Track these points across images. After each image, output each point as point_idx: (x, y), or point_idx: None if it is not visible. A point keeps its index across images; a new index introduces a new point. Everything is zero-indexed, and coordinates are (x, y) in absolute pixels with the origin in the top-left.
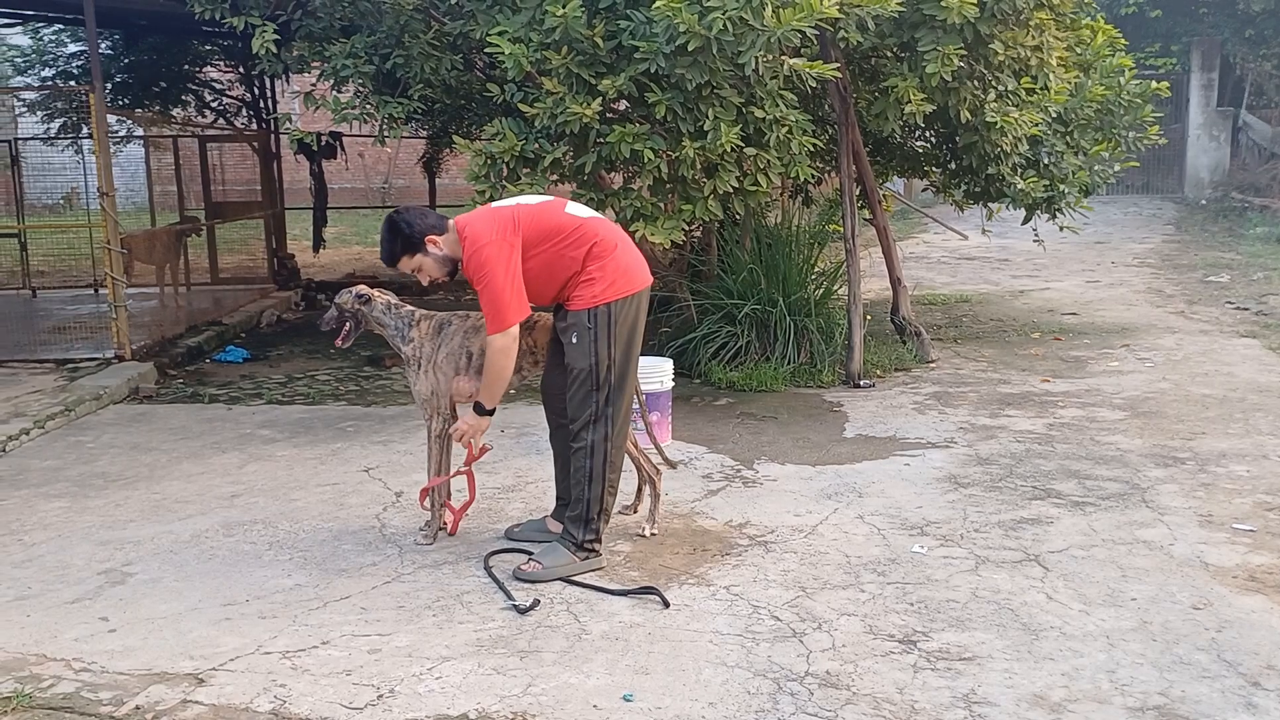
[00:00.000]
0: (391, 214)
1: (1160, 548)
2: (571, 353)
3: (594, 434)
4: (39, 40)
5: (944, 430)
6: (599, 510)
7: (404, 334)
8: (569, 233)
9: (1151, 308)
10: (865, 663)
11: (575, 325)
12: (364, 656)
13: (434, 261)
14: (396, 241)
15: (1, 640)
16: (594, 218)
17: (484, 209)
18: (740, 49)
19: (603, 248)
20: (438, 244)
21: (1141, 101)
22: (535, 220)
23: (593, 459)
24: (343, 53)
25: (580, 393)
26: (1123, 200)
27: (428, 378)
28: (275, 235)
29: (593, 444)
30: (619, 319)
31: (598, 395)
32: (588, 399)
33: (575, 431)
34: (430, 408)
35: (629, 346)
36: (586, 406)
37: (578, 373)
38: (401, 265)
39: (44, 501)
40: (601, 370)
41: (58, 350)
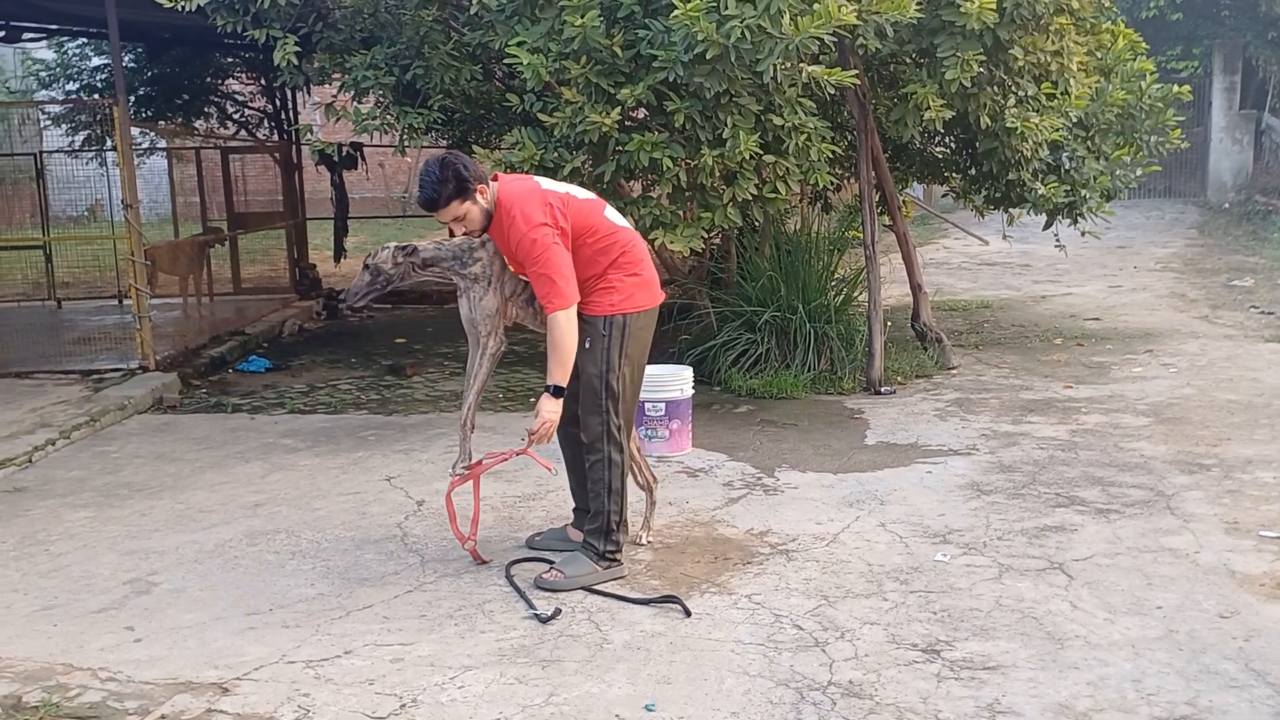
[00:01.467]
0: (445, 155)
1: (1186, 555)
2: (583, 358)
3: (609, 446)
4: (64, 54)
5: (966, 437)
6: (618, 520)
7: (464, 260)
8: (603, 236)
9: (1175, 312)
10: (888, 672)
11: (590, 331)
12: (386, 666)
13: (479, 212)
14: (450, 184)
15: (29, 650)
16: (627, 228)
17: (531, 183)
18: (758, 57)
19: (629, 259)
20: (485, 193)
21: (1163, 105)
22: (582, 214)
23: (609, 471)
24: (363, 64)
25: (590, 399)
26: (1145, 204)
27: (496, 294)
28: (297, 245)
29: (609, 456)
30: (633, 331)
31: (609, 405)
32: (598, 408)
33: (590, 444)
34: (491, 325)
35: (638, 361)
36: (598, 416)
37: (588, 378)
38: (448, 211)
39: (70, 511)
40: (612, 379)
41: (83, 361)
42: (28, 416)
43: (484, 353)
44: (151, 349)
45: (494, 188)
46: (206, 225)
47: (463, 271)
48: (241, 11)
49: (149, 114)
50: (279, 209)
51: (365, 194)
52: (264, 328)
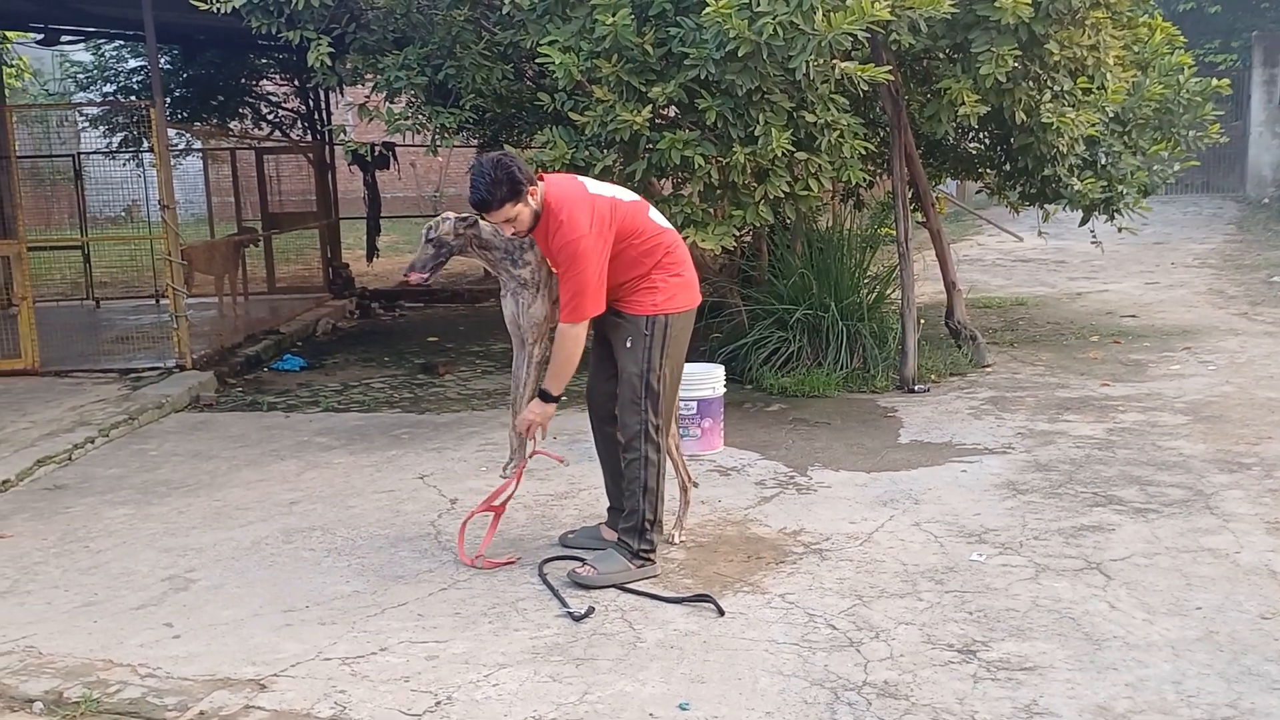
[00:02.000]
0: (499, 156)
1: (1226, 555)
2: (625, 356)
3: (646, 445)
4: (101, 56)
5: (1001, 436)
6: (653, 520)
7: (515, 258)
8: (649, 238)
9: (1213, 309)
10: (924, 672)
11: (632, 330)
12: (421, 663)
13: (530, 214)
14: (504, 186)
15: (70, 646)
16: (669, 230)
17: (578, 186)
18: (790, 54)
19: (672, 260)
20: (535, 196)
21: (1201, 100)
22: (629, 217)
23: (646, 470)
24: (395, 64)
25: (629, 397)
26: (1182, 200)
27: (543, 302)
28: (330, 245)
29: (645, 455)
30: (674, 332)
31: (647, 404)
32: (636, 406)
33: (627, 442)
34: (538, 332)
35: (677, 360)
36: (635, 414)
37: (628, 377)
38: (501, 213)
39: (109, 509)
40: (652, 379)
41: (121, 360)
42: (67, 415)
43: (530, 360)
44: (188, 348)
45: (541, 188)
46: (241, 225)
47: (513, 271)
48: (276, 13)
49: (185, 115)
50: (312, 209)
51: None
52: (298, 327)
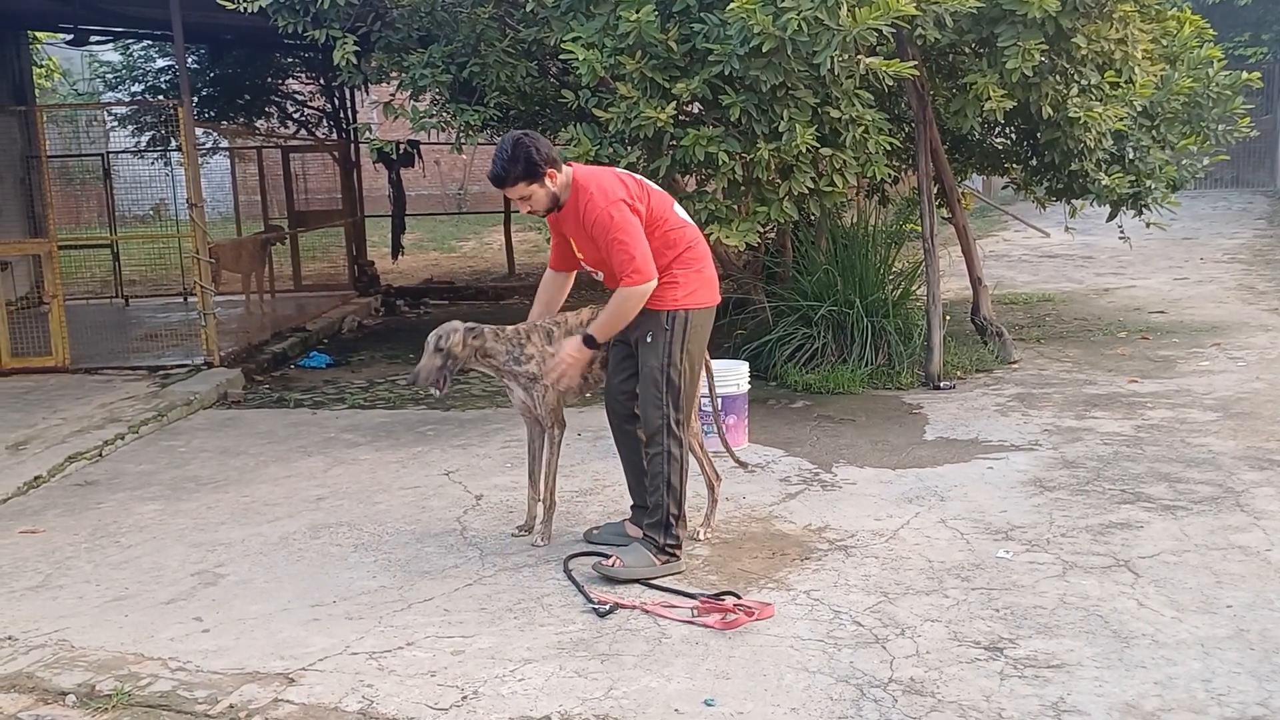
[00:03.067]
0: (519, 135)
1: (1256, 553)
2: (645, 351)
3: (669, 440)
4: (129, 56)
5: (1028, 433)
6: (677, 515)
7: (518, 355)
8: (672, 228)
9: (1243, 305)
10: (950, 669)
11: (652, 325)
12: (448, 658)
13: (546, 195)
14: (519, 165)
15: (102, 639)
16: (692, 225)
17: (605, 169)
18: (815, 49)
19: (693, 255)
20: (555, 179)
21: (1231, 93)
22: (656, 200)
23: (669, 465)
24: (420, 63)
25: (650, 393)
26: (1211, 194)
27: (554, 391)
28: (355, 242)
29: (668, 450)
30: (694, 327)
31: (668, 399)
32: (657, 402)
33: (649, 437)
34: (555, 417)
35: (697, 356)
36: (657, 410)
37: (649, 371)
38: (514, 190)
39: (139, 504)
40: (673, 373)
41: (150, 357)
42: (98, 412)
43: (552, 442)
44: (216, 345)
45: (568, 172)
46: (268, 223)
47: (517, 369)
48: (302, 12)
49: (212, 114)
50: (338, 207)
51: (422, 191)
52: (324, 324)
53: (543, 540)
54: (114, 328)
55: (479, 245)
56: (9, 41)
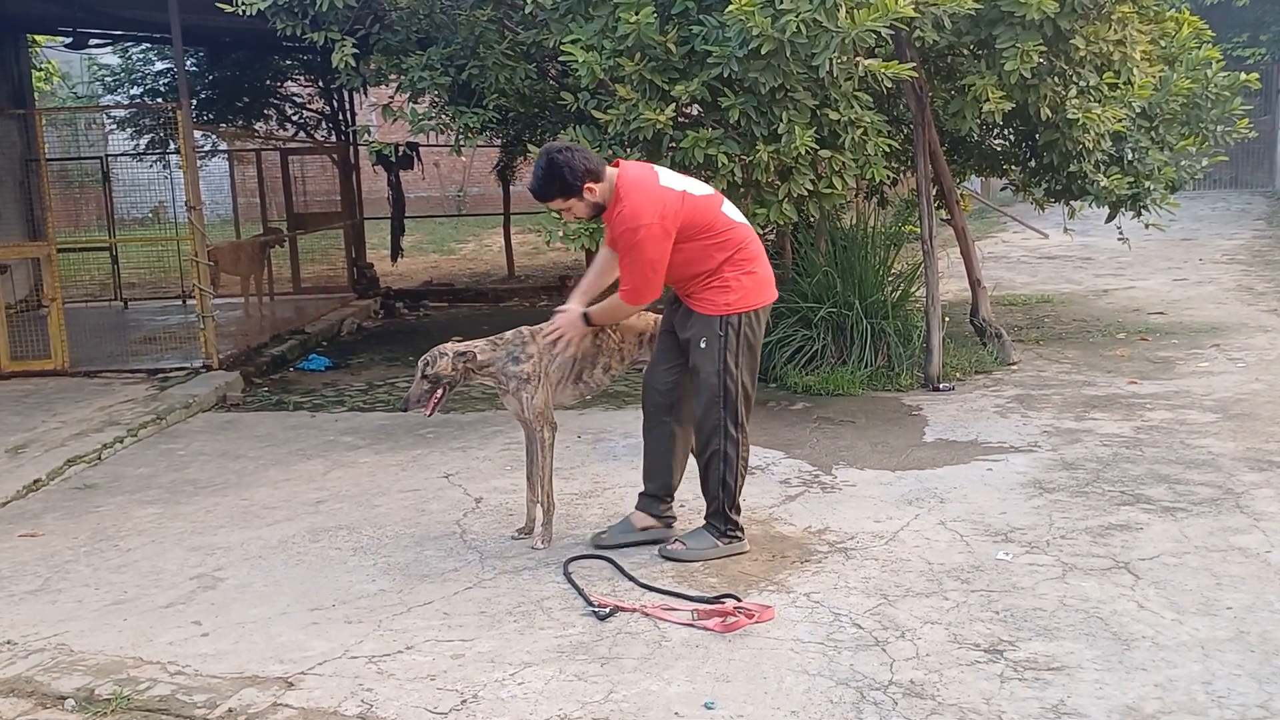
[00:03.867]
0: (553, 153)
1: (1256, 554)
2: (700, 357)
3: (725, 442)
4: (128, 59)
5: (1027, 434)
6: (731, 505)
7: (515, 355)
8: (719, 232)
9: (1242, 306)
10: (950, 672)
11: (706, 331)
12: (447, 661)
13: (585, 206)
14: (554, 184)
15: (101, 643)
16: (743, 224)
17: (651, 176)
18: (814, 51)
19: (745, 255)
20: (594, 191)
21: (1229, 94)
22: (697, 211)
23: (724, 466)
24: (419, 65)
25: (707, 396)
26: (1210, 195)
27: (543, 390)
28: (355, 245)
29: (725, 452)
30: (748, 329)
31: (724, 403)
32: (714, 406)
33: (706, 439)
34: (544, 420)
35: (753, 356)
36: (714, 413)
37: (706, 377)
38: (553, 204)
39: (138, 508)
40: (729, 379)
41: (149, 360)
42: (97, 415)
43: (543, 445)
44: (215, 348)
45: (612, 175)
46: (267, 226)
47: (514, 370)
48: (300, 15)
49: (210, 117)
50: (337, 209)
51: (421, 193)
52: (323, 326)
53: (543, 543)
54: (113, 331)
55: (478, 247)
56: (8, 45)
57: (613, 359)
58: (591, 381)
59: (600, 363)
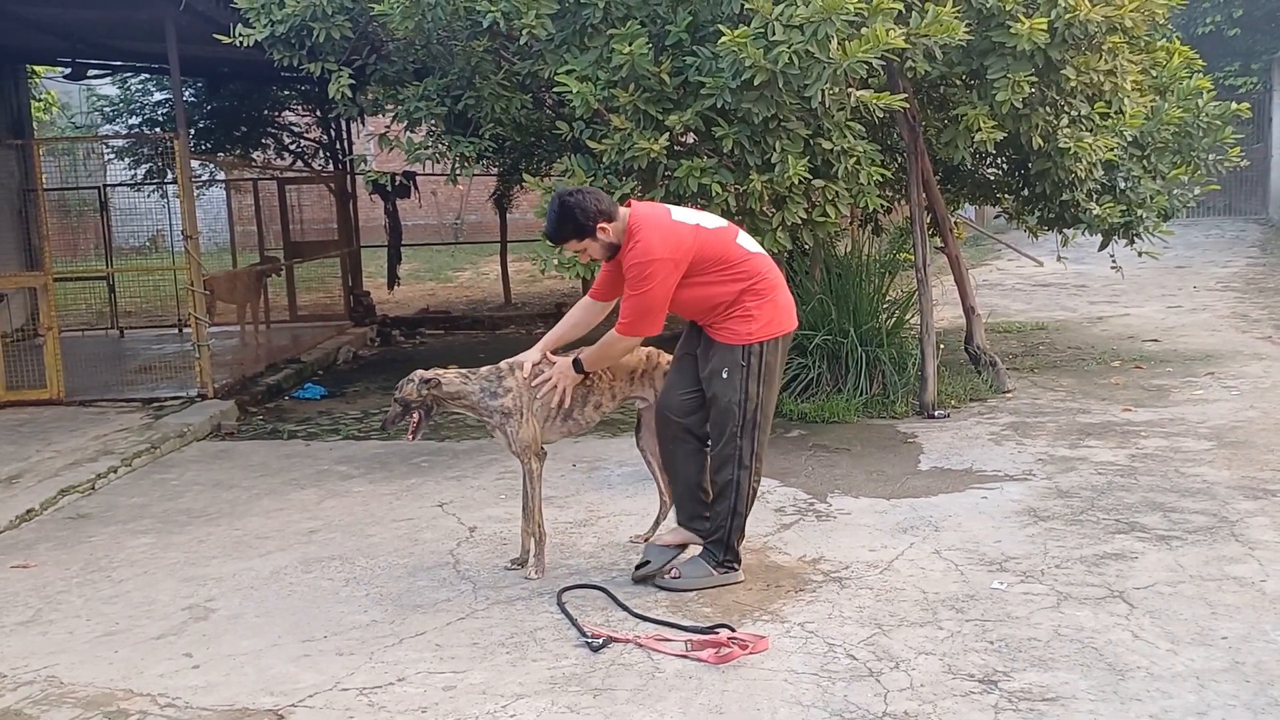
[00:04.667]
0: (564, 196)
1: (1252, 584)
2: (721, 386)
3: (740, 471)
4: (126, 90)
5: (1022, 462)
6: (737, 536)
7: (492, 390)
8: (735, 264)
9: (1237, 333)
10: (945, 703)
11: (729, 360)
12: (439, 694)
13: (600, 247)
14: (567, 226)
15: (91, 675)
16: (760, 254)
17: (664, 214)
18: (806, 82)
19: (764, 285)
20: (607, 231)
21: (1221, 123)
22: (709, 245)
23: (736, 495)
24: (416, 95)
25: (726, 424)
26: (1204, 223)
27: (529, 425)
28: (351, 273)
29: (737, 480)
30: (769, 358)
31: (743, 432)
32: (731, 434)
33: (720, 466)
34: (531, 452)
35: (772, 384)
36: (730, 441)
37: (726, 404)
38: (568, 245)
39: (131, 538)
40: (750, 406)
41: (144, 389)
42: (91, 444)
43: (531, 476)
44: (210, 377)
45: (624, 215)
46: (264, 254)
47: (493, 405)
48: (298, 46)
49: (208, 146)
50: (334, 237)
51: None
52: (319, 355)
53: (535, 573)
54: (109, 360)
55: (475, 275)
56: (7, 76)
57: (604, 397)
58: (581, 419)
59: (591, 400)
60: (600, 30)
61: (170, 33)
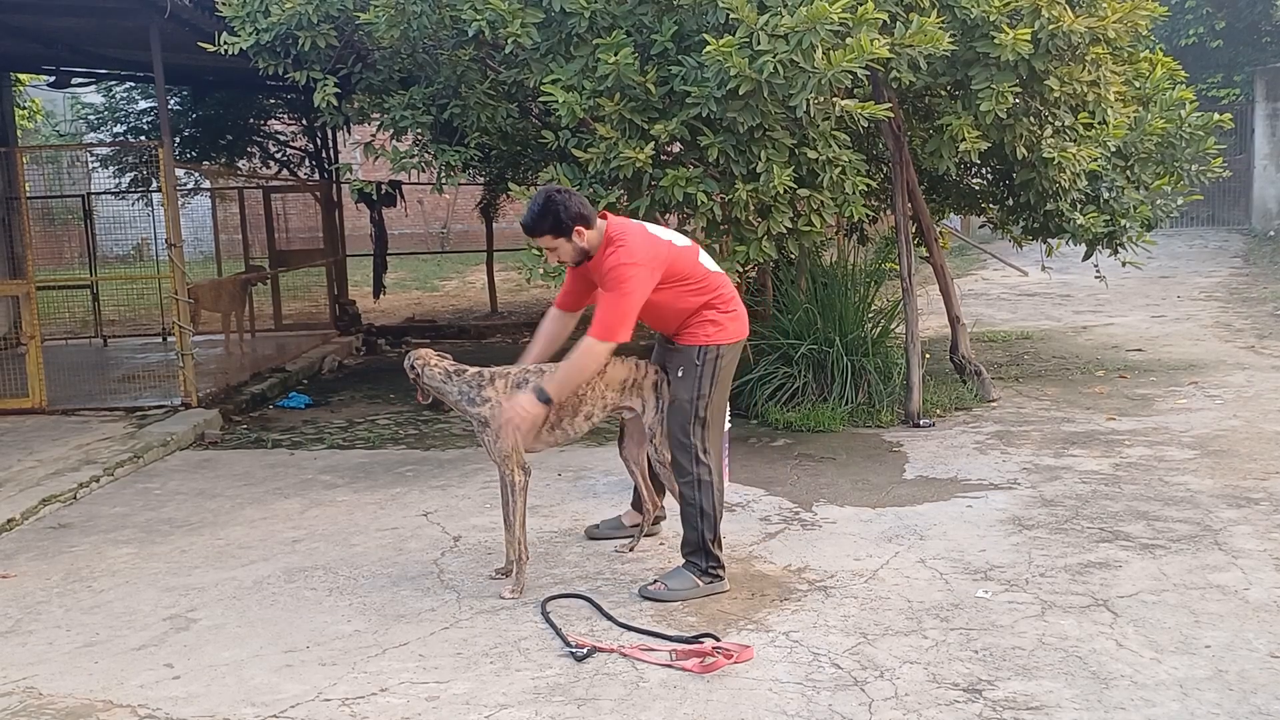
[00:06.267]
0: (551, 193)
1: (1235, 592)
2: (677, 386)
3: (698, 468)
4: (111, 98)
5: (1007, 471)
6: (713, 538)
7: (472, 397)
8: (698, 280)
9: (1220, 343)
10: (929, 712)
11: (684, 360)
12: (422, 704)
13: (572, 249)
14: (546, 220)
15: (70, 686)
16: (720, 273)
17: (640, 227)
18: (791, 91)
19: (723, 298)
20: (582, 235)
21: (1204, 134)
22: (679, 261)
23: (700, 492)
24: (401, 104)
25: (679, 423)
26: (1188, 233)
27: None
28: (337, 282)
29: (699, 478)
30: (723, 361)
31: (696, 429)
32: (686, 432)
33: (680, 467)
34: (512, 463)
35: (724, 387)
36: (686, 439)
37: (679, 404)
38: (541, 240)
39: (112, 548)
40: (701, 404)
41: (127, 398)
42: (73, 453)
43: (513, 488)
44: (194, 386)
45: (601, 226)
46: (249, 263)
47: (473, 411)
48: (283, 54)
49: (194, 155)
50: (320, 246)
51: (404, 230)
52: (304, 364)
53: (510, 593)
54: (92, 368)
55: (461, 284)
56: None
57: (595, 407)
58: (571, 430)
59: (582, 411)
60: (585, 39)
61: (155, 40)
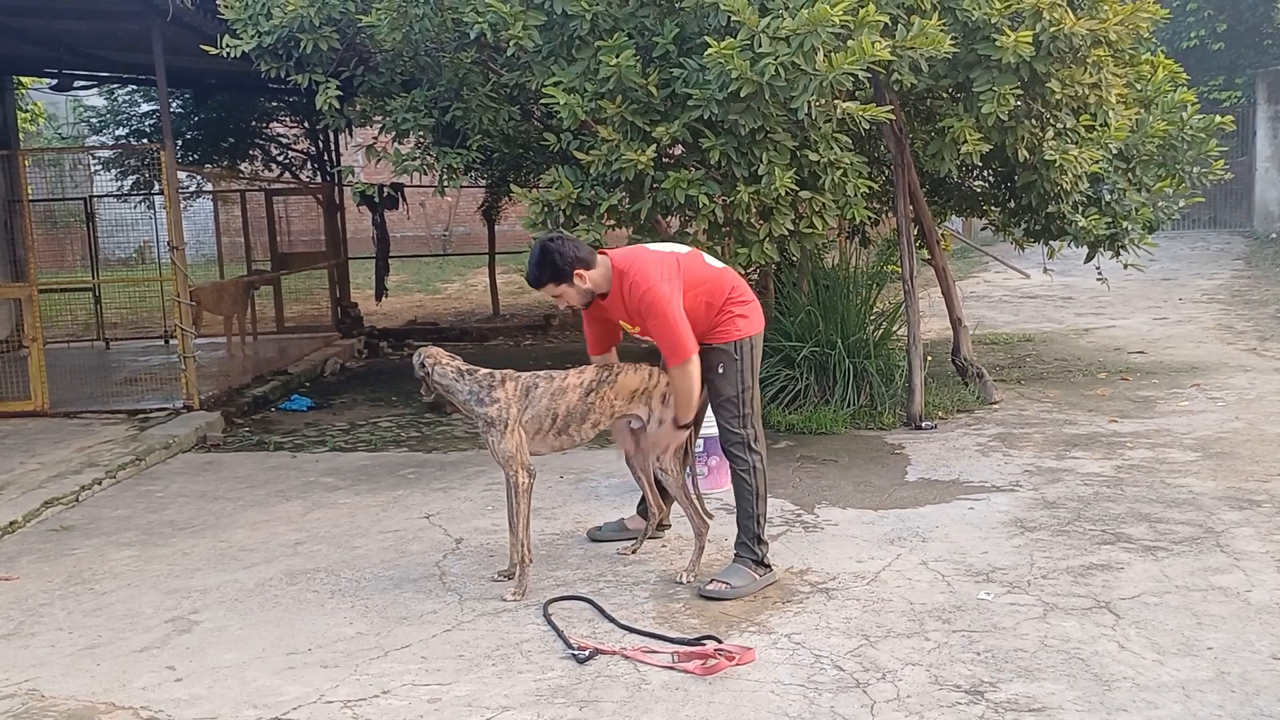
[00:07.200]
0: (545, 242)
1: (1237, 594)
2: (719, 381)
3: (752, 455)
4: (113, 101)
5: (1009, 473)
6: (762, 524)
7: (480, 397)
8: (712, 281)
9: (1222, 345)
10: (931, 714)
11: (723, 357)
12: (424, 706)
13: (576, 293)
14: (545, 270)
15: (73, 688)
16: (726, 268)
17: (640, 250)
18: (793, 94)
19: (738, 292)
20: (584, 278)
21: (1205, 136)
22: (689, 268)
23: (755, 477)
24: (403, 106)
25: (730, 415)
26: (1190, 235)
27: (513, 436)
28: (339, 284)
29: (753, 465)
30: (756, 350)
31: (747, 419)
32: (738, 423)
33: (735, 456)
34: (516, 464)
35: (757, 375)
36: (738, 431)
37: (726, 400)
38: (546, 290)
39: (114, 550)
40: (746, 395)
41: (129, 401)
42: (76, 456)
43: (518, 490)
44: (196, 388)
45: (604, 263)
46: (251, 266)
47: (480, 411)
48: (285, 57)
49: (196, 157)
50: (322, 249)
51: (406, 233)
52: (306, 366)
53: (512, 595)
54: (94, 371)
55: (463, 287)
56: None
57: (603, 415)
58: (577, 435)
59: (591, 419)
60: (587, 42)
61: (157, 43)
